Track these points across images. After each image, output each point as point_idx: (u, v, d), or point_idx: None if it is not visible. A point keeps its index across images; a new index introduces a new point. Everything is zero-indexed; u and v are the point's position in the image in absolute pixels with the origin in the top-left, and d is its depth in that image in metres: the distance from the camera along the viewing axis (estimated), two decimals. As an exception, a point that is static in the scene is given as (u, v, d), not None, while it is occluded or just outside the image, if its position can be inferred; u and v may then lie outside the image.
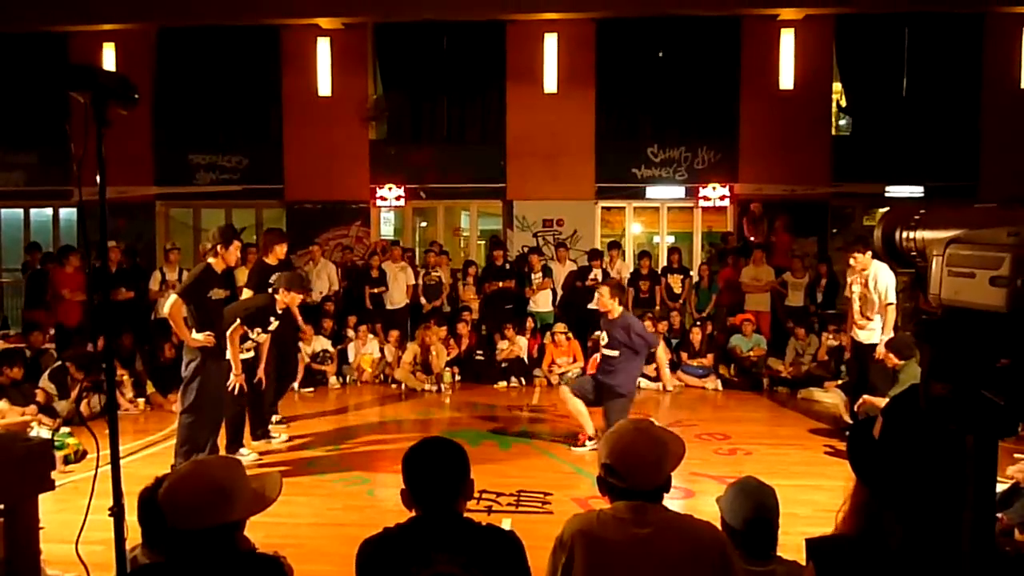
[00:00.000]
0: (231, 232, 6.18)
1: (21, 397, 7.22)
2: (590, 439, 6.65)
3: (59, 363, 8.01)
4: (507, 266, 11.12)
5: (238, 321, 6.28)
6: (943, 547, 1.20)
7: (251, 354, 6.58)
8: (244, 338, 6.39)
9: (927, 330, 1.16)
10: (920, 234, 1.24)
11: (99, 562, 2.85)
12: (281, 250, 7.13)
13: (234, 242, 6.06)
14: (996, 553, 1.24)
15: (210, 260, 6.01)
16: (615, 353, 6.52)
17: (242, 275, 9.45)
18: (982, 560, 1.14)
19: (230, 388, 6.30)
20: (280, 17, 12.47)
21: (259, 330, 6.50)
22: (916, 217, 1.25)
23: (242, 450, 6.55)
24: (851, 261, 7.31)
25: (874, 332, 7.24)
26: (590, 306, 10.65)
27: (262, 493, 2.14)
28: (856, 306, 7.40)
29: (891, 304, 7.09)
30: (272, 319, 6.58)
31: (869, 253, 7.11)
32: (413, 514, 2.27)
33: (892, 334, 7.02)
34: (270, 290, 6.79)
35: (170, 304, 5.79)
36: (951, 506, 1.17)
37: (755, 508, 2.62)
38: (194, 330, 5.80)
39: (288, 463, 6.41)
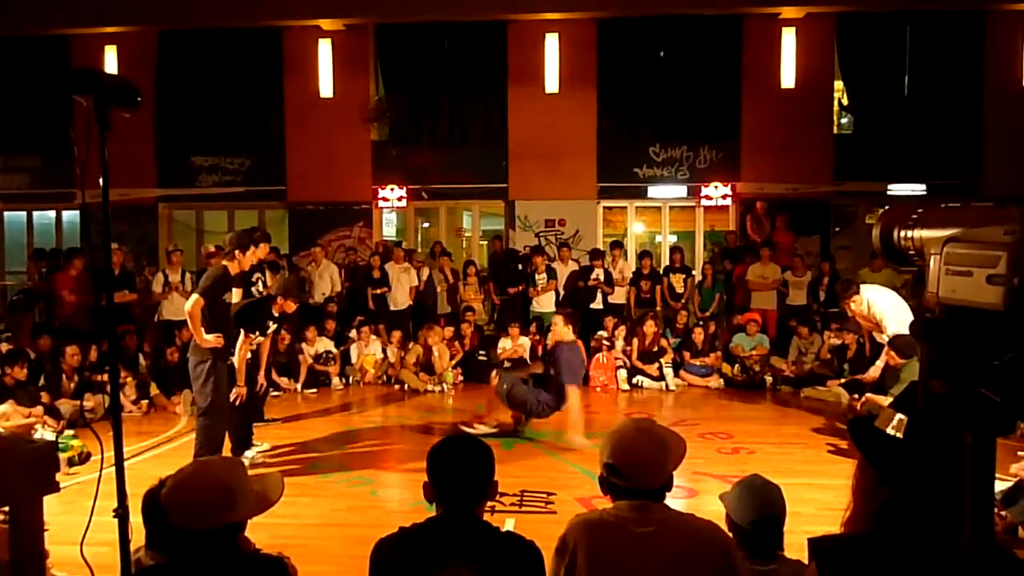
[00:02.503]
0: (249, 237, 6.19)
1: (27, 398, 7.24)
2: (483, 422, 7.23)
3: (52, 365, 8.07)
4: (519, 266, 11.15)
5: (243, 332, 6.29)
6: (949, 546, 1.20)
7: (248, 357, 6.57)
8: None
9: (925, 328, 1.17)
10: (918, 233, 1.24)
11: (104, 563, 2.86)
12: (264, 249, 6.88)
13: (251, 247, 6.08)
14: (996, 552, 1.24)
15: (226, 263, 6.04)
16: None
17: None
18: (981, 558, 1.14)
19: (233, 398, 6.29)
20: (281, 19, 12.49)
21: (257, 334, 6.52)
22: (914, 216, 1.26)
23: (247, 452, 6.56)
24: (851, 308, 7.18)
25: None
26: (592, 306, 10.69)
27: (264, 494, 2.14)
28: (878, 337, 7.33)
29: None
30: (269, 322, 6.59)
31: (857, 295, 7.03)
32: (427, 515, 2.27)
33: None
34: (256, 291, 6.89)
35: (192, 303, 5.77)
36: (958, 505, 1.17)
37: (762, 507, 2.61)
38: (204, 331, 5.83)
39: (292, 464, 6.42)
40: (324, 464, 6.44)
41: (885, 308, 6.94)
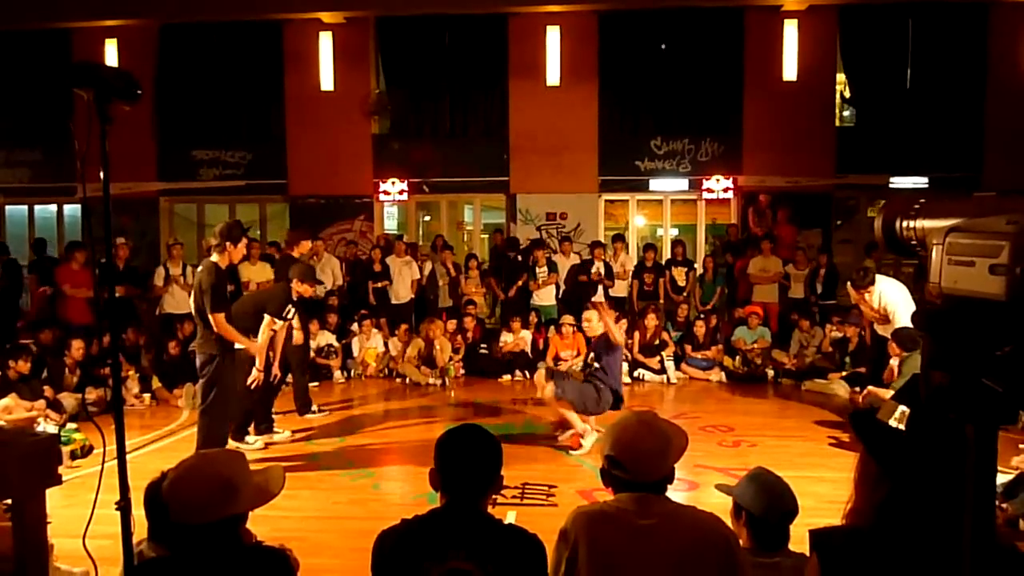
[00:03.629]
0: (239, 229, 6.23)
1: (29, 392, 7.24)
2: (582, 436, 6.56)
3: (55, 359, 8.08)
4: (519, 258, 11.14)
5: (268, 317, 6.40)
6: (950, 538, 1.20)
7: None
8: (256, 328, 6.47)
9: (927, 319, 1.17)
10: (920, 223, 1.24)
11: (106, 556, 2.88)
12: (306, 246, 7.52)
13: (242, 239, 6.14)
14: (997, 544, 1.24)
15: (215, 257, 6.01)
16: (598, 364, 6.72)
17: (245, 271, 9.51)
18: (982, 550, 1.14)
19: (250, 383, 6.37)
20: (282, 12, 12.47)
21: (278, 320, 6.62)
22: (916, 206, 1.25)
23: (248, 438, 6.63)
24: (864, 299, 7.10)
25: (894, 326, 7.14)
26: (593, 299, 10.67)
27: (265, 487, 2.14)
28: (879, 329, 7.30)
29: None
30: (290, 307, 6.66)
31: (872, 285, 6.96)
32: (427, 508, 2.27)
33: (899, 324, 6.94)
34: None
35: (217, 323, 5.81)
36: (960, 497, 1.17)
37: (784, 500, 2.65)
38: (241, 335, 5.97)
39: (293, 457, 6.43)
40: (325, 457, 6.45)
41: (897, 300, 6.93)
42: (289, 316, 6.75)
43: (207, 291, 5.84)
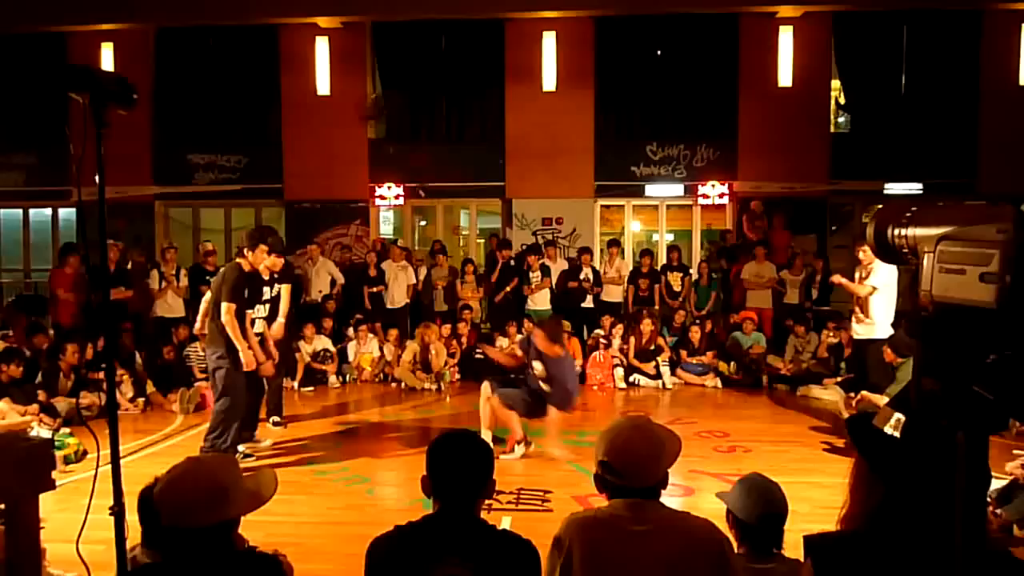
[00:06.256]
0: (259, 235, 6.33)
1: (23, 396, 7.22)
2: (518, 443, 6.41)
3: (49, 363, 8.05)
4: (512, 262, 11.13)
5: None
6: (944, 544, 1.20)
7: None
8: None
9: (918, 326, 1.17)
10: (911, 231, 1.24)
11: (100, 561, 2.86)
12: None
13: (260, 245, 6.22)
14: (989, 550, 1.25)
15: (239, 260, 6.20)
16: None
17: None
18: (972, 556, 1.15)
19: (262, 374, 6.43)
20: (278, 16, 12.50)
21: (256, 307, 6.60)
22: (907, 215, 1.26)
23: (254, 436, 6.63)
24: (860, 254, 7.29)
25: (873, 327, 7.21)
26: (585, 304, 10.67)
27: (257, 491, 2.14)
28: (855, 330, 7.42)
29: (872, 290, 7.07)
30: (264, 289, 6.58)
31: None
32: (423, 514, 2.27)
33: (876, 322, 7.12)
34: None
35: (224, 311, 5.91)
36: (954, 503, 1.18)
37: (768, 503, 2.64)
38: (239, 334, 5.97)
39: (288, 462, 6.41)
40: (321, 462, 6.43)
41: (882, 277, 7.03)
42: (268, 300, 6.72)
43: (227, 283, 5.99)
